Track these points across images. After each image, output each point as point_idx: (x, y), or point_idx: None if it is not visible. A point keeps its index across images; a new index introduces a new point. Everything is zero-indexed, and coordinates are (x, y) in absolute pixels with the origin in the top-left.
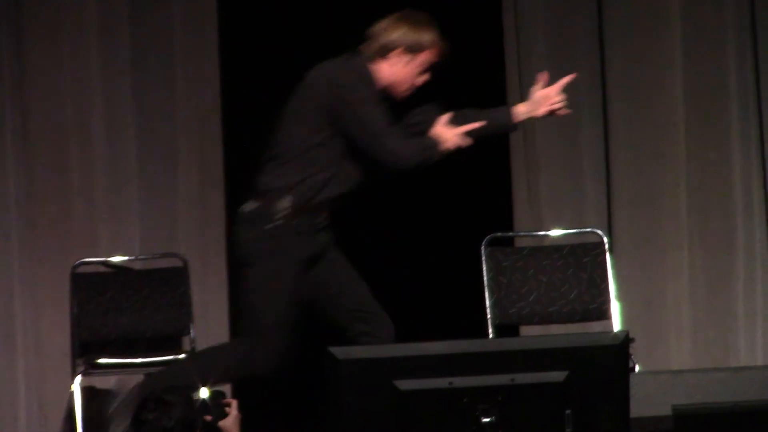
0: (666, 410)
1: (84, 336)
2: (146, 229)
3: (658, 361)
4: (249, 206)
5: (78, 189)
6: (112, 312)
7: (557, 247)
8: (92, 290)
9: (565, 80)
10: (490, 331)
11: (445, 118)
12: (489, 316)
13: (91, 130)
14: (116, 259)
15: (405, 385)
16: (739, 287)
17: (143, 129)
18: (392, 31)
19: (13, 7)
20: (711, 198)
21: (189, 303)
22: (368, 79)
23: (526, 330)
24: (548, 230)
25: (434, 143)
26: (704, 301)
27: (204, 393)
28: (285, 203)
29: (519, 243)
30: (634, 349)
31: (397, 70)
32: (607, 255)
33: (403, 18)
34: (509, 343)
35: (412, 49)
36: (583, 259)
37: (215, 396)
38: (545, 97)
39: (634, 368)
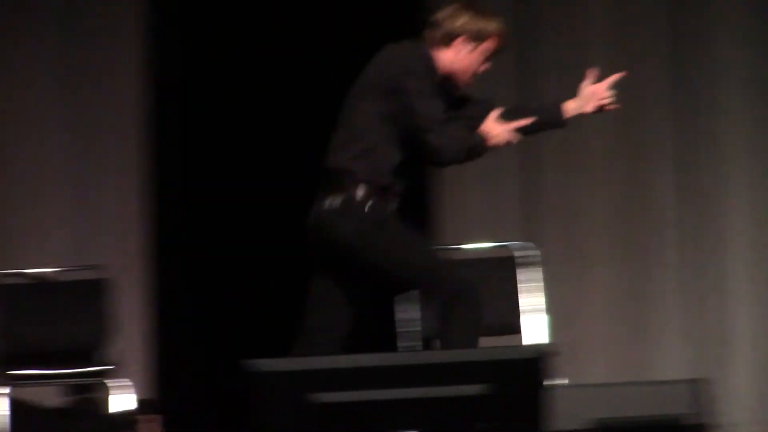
0: (590, 424)
1: (5, 347)
2: (69, 240)
3: (582, 374)
4: (334, 201)
5: (0, 199)
6: (32, 323)
7: (481, 260)
8: (13, 302)
9: (616, 77)
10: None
11: (496, 113)
12: (402, 329)
13: (16, 141)
14: (38, 270)
15: (322, 398)
16: (658, 302)
17: (68, 141)
18: (456, 19)
19: None
20: (635, 213)
21: (111, 315)
22: (431, 69)
23: None
24: (471, 243)
25: (481, 140)
26: (627, 315)
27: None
28: (363, 191)
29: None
30: (558, 362)
31: (461, 58)
32: (531, 268)
33: (466, 6)
34: (426, 357)
35: (476, 37)
36: (506, 273)
37: (142, 411)
38: (594, 93)
39: (556, 381)
